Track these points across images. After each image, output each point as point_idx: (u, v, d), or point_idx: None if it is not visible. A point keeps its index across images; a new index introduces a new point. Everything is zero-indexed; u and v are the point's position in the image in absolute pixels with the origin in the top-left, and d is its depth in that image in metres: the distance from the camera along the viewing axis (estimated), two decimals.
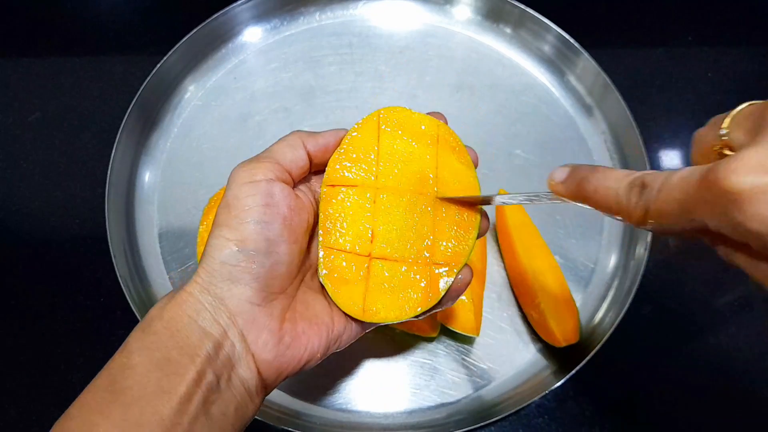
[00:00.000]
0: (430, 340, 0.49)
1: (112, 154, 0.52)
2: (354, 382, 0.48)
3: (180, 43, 0.57)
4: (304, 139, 0.33)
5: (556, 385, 0.45)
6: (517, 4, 0.59)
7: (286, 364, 0.31)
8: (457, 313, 0.47)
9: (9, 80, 0.60)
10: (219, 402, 0.28)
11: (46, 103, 0.59)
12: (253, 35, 0.61)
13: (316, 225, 0.34)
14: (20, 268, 0.53)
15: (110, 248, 0.49)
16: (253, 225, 0.30)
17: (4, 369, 0.49)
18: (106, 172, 0.52)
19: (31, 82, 0.60)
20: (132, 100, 0.54)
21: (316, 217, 0.34)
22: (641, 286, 0.48)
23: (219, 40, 0.60)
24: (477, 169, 0.35)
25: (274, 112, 0.58)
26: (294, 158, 0.33)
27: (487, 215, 0.35)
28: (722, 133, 0.26)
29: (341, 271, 0.33)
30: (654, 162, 0.57)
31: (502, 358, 0.49)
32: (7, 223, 0.54)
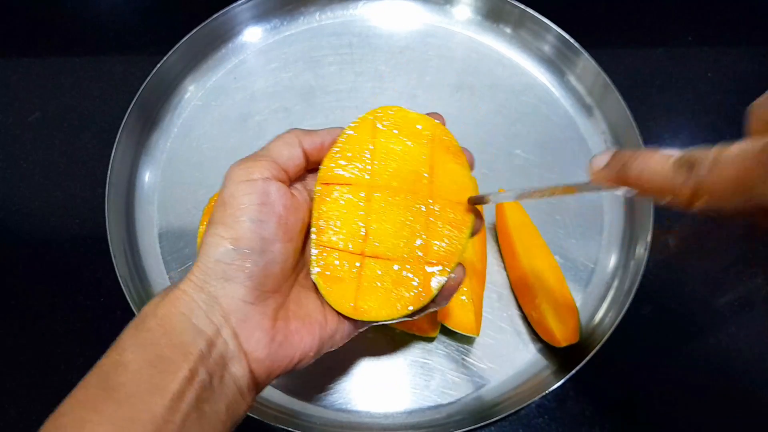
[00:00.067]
0: (430, 340, 0.49)
1: (112, 154, 0.52)
2: (354, 382, 0.48)
3: (180, 43, 0.57)
4: (301, 138, 0.33)
5: (556, 385, 0.45)
6: (517, 4, 0.59)
7: (278, 363, 0.30)
8: (457, 313, 0.47)
9: (9, 80, 0.60)
10: (211, 400, 0.28)
11: (46, 103, 0.59)
12: (253, 35, 0.61)
13: (311, 224, 0.34)
14: (20, 268, 0.53)
15: (110, 248, 0.49)
16: (248, 223, 0.30)
17: (4, 369, 0.49)
18: (106, 172, 0.52)
19: (31, 82, 0.60)
20: (132, 100, 0.54)
21: (311, 216, 0.34)
22: (641, 286, 0.48)
23: (219, 40, 0.60)
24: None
25: (274, 112, 0.58)
26: (290, 156, 0.33)
27: (481, 215, 0.35)
28: None
29: (334, 269, 0.33)
30: None
31: (502, 358, 0.49)
32: (7, 223, 0.54)
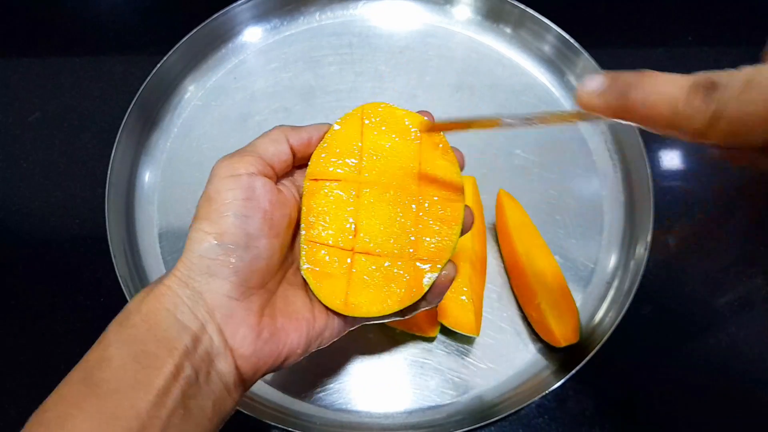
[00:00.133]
0: (430, 340, 0.49)
1: (112, 154, 0.52)
2: (354, 382, 0.48)
3: (180, 43, 0.57)
4: (287, 134, 0.33)
5: (556, 385, 0.45)
6: (517, 4, 0.59)
7: (265, 360, 0.30)
8: (458, 313, 0.47)
9: (9, 80, 0.60)
10: (197, 396, 0.28)
11: (46, 103, 0.59)
12: (253, 35, 0.61)
13: (300, 220, 0.34)
14: (20, 268, 0.53)
15: (110, 248, 0.49)
16: (232, 218, 0.29)
17: (4, 369, 0.49)
18: (106, 172, 0.52)
19: (31, 82, 0.60)
20: (132, 100, 0.54)
21: (300, 212, 0.34)
22: (641, 286, 0.48)
23: (219, 40, 0.60)
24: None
25: (274, 112, 0.58)
26: (277, 152, 0.32)
27: (471, 211, 0.35)
28: None
29: (323, 265, 0.33)
30: (654, 162, 0.57)
31: (502, 358, 0.49)
32: (7, 223, 0.54)
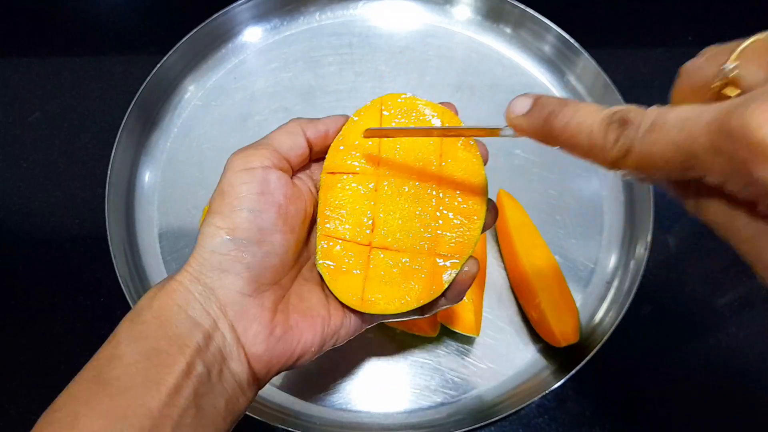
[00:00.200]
0: (430, 340, 0.49)
1: (112, 154, 0.52)
2: (354, 382, 0.48)
3: (180, 43, 0.57)
4: (304, 126, 0.32)
5: (556, 385, 0.45)
6: (517, 4, 0.59)
7: (277, 358, 0.30)
8: (457, 313, 0.47)
9: (9, 80, 0.60)
10: (210, 395, 0.27)
11: (46, 103, 0.59)
12: (253, 35, 0.61)
13: (316, 214, 0.33)
14: (20, 268, 0.53)
15: (110, 248, 0.49)
16: (246, 213, 0.29)
17: (4, 369, 0.49)
18: (106, 172, 0.52)
19: (31, 82, 0.60)
20: (132, 100, 0.54)
21: (316, 207, 0.33)
22: (641, 286, 0.48)
23: (219, 40, 0.60)
24: None
25: (274, 112, 0.58)
26: (293, 145, 0.32)
27: (495, 205, 0.33)
28: (728, 68, 0.21)
29: (340, 260, 0.32)
30: None
31: (502, 358, 0.49)
32: (7, 223, 0.54)
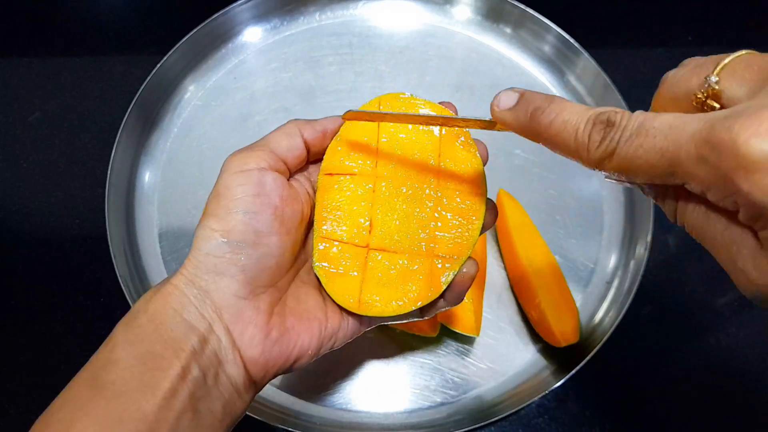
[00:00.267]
0: (430, 340, 0.49)
1: (112, 154, 0.52)
2: (354, 382, 0.48)
3: (180, 43, 0.57)
4: (301, 127, 0.32)
5: (556, 385, 0.45)
6: (517, 4, 0.59)
7: (274, 361, 0.29)
8: (457, 313, 0.47)
9: (9, 80, 0.60)
10: (206, 398, 0.27)
11: (46, 103, 0.59)
12: (253, 35, 0.61)
13: (313, 216, 0.33)
14: (20, 268, 0.53)
15: (110, 248, 0.49)
16: (241, 215, 0.29)
17: (4, 369, 0.49)
18: (106, 172, 0.51)
19: (31, 82, 0.60)
20: (132, 100, 0.54)
21: (313, 208, 0.33)
22: (641, 286, 0.48)
23: (219, 40, 0.60)
24: None
25: (274, 112, 0.58)
26: (290, 147, 0.31)
27: (494, 205, 0.33)
28: (712, 80, 0.22)
29: (337, 262, 0.32)
30: None
31: (502, 358, 0.49)
32: (7, 223, 0.54)
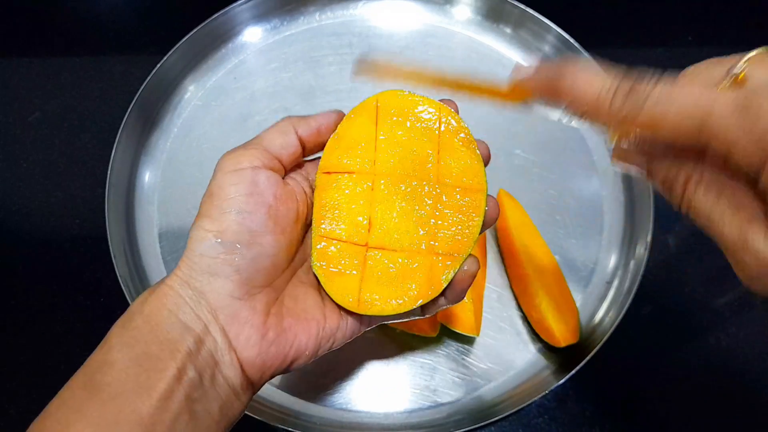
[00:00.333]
0: (430, 340, 0.49)
1: (112, 154, 0.52)
2: (354, 382, 0.48)
3: (180, 43, 0.57)
4: (295, 124, 0.32)
5: (556, 385, 0.45)
6: (517, 4, 0.59)
7: (271, 362, 0.29)
8: (457, 313, 0.47)
9: (9, 80, 0.60)
10: (203, 400, 0.27)
11: (46, 103, 0.59)
12: (253, 35, 0.61)
13: (311, 215, 0.32)
14: (20, 268, 0.53)
15: (110, 248, 0.49)
16: (234, 215, 0.29)
17: (4, 369, 0.49)
18: (106, 172, 0.51)
19: (31, 82, 0.60)
20: (132, 100, 0.54)
21: (311, 207, 0.33)
22: (641, 286, 0.48)
23: (219, 40, 0.60)
24: None
25: (274, 112, 0.58)
26: (284, 144, 0.31)
27: (495, 202, 0.33)
28: (738, 68, 0.25)
29: (335, 261, 0.31)
30: None
31: (502, 358, 0.49)
32: (7, 223, 0.54)
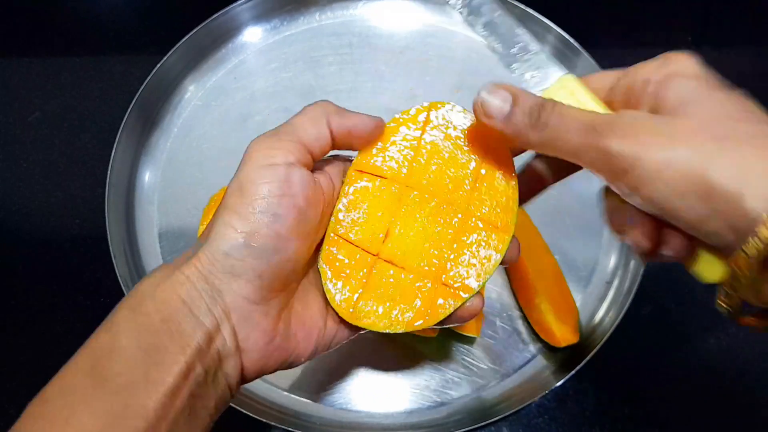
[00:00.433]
0: (431, 340, 0.49)
1: (112, 154, 0.52)
2: (354, 382, 0.48)
3: (180, 43, 0.57)
4: (330, 116, 0.30)
5: (556, 385, 0.45)
6: (517, 4, 0.59)
7: (271, 364, 0.29)
8: None
9: (9, 80, 0.60)
10: (203, 397, 0.27)
11: (46, 103, 0.59)
12: (253, 35, 0.61)
13: (332, 213, 0.31)
14: (20, 268, 0.53)
15: (110, 248, 0.49)
16: (266, 218, 0.27)
17: (4, 369, 0.49)
18: (106, 172, 0.51)
19: (31, 82, 0.60)
20: (132, 100, 0.54)
21: (333, 206, 0.31)
22: (641, 286, 0.48)
23: (219, 40, 0.60)
24: None
25: (274, 112, 0.58)
26: (317, 136, 0.29)
27: (518, 244, 0.32)
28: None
29: (342, 263, 0.31)
30: None
31: (502, 358, 0.49)
32: (7, 223, 0.54)
